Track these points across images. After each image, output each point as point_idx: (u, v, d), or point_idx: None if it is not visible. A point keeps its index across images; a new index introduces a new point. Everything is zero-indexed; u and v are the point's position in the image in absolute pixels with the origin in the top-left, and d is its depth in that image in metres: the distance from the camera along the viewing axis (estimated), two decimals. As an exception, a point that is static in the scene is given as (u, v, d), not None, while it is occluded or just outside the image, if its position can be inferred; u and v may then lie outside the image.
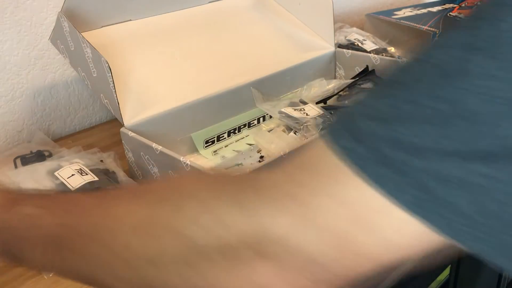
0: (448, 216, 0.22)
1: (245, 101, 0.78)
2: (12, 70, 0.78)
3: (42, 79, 0.82)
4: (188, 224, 0.28)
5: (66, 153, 0.70)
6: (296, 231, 0.25)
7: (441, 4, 1.21)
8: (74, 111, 0.88)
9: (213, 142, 0.74)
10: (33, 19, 0.78)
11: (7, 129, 0.80)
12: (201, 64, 0.78)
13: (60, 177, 0.60)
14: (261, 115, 0.79)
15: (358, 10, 1.28)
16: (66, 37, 0.67)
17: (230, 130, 0.76)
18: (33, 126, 0.83)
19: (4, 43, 0.76)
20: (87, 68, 0.66)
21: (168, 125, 0.69)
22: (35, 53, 0.80)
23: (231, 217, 0.27)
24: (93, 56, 0.64)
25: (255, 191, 0.28)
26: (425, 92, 0.23)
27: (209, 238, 0.28)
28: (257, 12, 0.91)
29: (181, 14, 0.82)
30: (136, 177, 0.67)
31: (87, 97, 0.89)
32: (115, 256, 0.31)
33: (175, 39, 0.79)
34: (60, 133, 0.86)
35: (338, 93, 0.85)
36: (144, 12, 0.78)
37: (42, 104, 0.83)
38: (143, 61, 0.73)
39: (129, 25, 0.77)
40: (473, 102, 0.21)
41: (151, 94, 0.70)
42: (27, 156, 0.70)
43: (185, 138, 0.72)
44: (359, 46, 0.99)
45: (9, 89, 0.79)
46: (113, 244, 0.31)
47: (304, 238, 0.25)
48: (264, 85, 0.80)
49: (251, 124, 0.79)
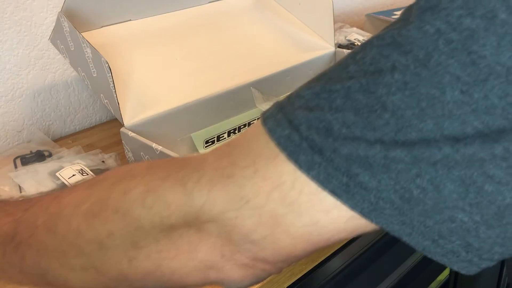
0: (372, 201, 0.24)
1: (245, 101, 0.78)
2: (12, 70, 0.78)
3: (42, 79, 0.82)
4: (134, 206, 0.29)
5: (66, 153, 0.70)
6: (232, 209, 0.27)
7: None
8: (74, 111, 0.88)
9: (213, 142, 0.74)
10: (33, 19, 0.78)
11: (7, 129, 0.80)
12: (201, 64, 0.78)
13: (61, 177, 0.60)
14: (261, 115, 0.79)
15: (358, 10, 1.28)
16: (66, 37, 0.67)
17: (230, 130, 0.76)
18: (33, 126, 0.83)
19: (4, 43, 0.76)
20: (87, 68, 0.66)
21: (168, 125, 0.69)
22: (35, 53, 0.80)
23: (172, 196, 0.29)
24: (93, 56, 0.63)
25: (196, 170, 0.29)
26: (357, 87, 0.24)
27: (153, 218, 0.29)
28: (257, 12, 0.91)
29: (181, 14, 0.82)
30: (136, 177, 0.67)
31: (87, 97, 0.88)
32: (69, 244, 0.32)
33: (175, 39, 0.79)
34: (60, 133, 0.86)
35: (338, 93, 0.85)
36: (144, 12, 0.78)
37: (42, 104, 0.83)
38: (143, 61, 0.73)
39: (129, 25, 0.77)
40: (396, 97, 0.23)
41: (151, 94, 0.70)
42: (27, 156, 0.70)
43: (185, 138, 0.72)
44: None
45: (9, 89, 0.79)
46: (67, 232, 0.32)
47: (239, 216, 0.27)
48: (264, 85, 0.80)
49: (251, 124, 0.79)
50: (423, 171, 0.23)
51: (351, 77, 0.25)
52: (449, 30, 0.22)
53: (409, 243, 0.25)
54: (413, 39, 0.23)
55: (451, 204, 0.23)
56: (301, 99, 0.27)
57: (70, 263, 0.32)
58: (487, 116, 0.21)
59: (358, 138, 0.24)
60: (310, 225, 0.26)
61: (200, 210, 0.28)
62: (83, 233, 0.31)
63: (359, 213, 0.25)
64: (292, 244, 0.27)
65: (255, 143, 0.28)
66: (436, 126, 0.22)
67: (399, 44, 0.24)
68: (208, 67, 0.77)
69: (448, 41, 0.22)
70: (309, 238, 0.27)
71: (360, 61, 0.25)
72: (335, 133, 0.24)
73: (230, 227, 0.28)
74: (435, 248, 0.24)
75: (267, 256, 0.28)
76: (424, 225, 0.24)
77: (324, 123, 0.25)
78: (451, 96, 0.22)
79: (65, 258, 0.32)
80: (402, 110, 0.23)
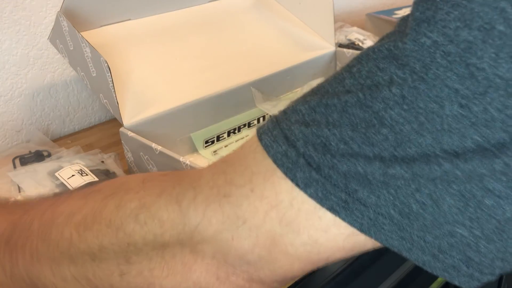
0: (372, 216, 0.24)
1: (245, 101, 0.77)
2: (11, 70, 0.78)
3: (41, 79, 0.82)
4: (127, 221, 0.29)
5: (65, 153, 0.70)
6: (227, 229, 0.27)
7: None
8: (73, 111, 0.87)
9: (213, 142, 0.74)
10: (32, 19, 0.78)
11: (6, 129, 0.80)
12: (200, 63, 0.77)
13: (60, 177, 0.60)
14: (261, 115, 0.79)
15: (359, 10, 1.28)
16: (65, 37, 0.67)
17: (230, 130, 0.76)
18: (32, 126, 0.82)
19: (3, 42, 0.76)
20: (86, 68, 0.66)
21: (168, 125, 0.69)
22: (34, 52, 0.80)
23: (167, 214, 0.28)
24: (92, 55, 0.63)
25: (192, 188, 0.28)
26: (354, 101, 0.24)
27: (146, 235, 0.28)
28: (257, 11, 0.90)
29: (181, 13, 0.82)
30: (135, 178, 0.66)
31: (86, 97, 0.88)
32: (61, 253, 0.31)
33: (175, 39, 0.79)
34: (59, 133, 0.86)
35: (338, 93, 0.84)
36: (143, 11, 0.78)
37: (41, 104, 0.83)
38: (142, 61, 0.73)
39: (128, 24, 0.76)
40: (394, 112, 0.23)
41: (151, 93, 0.70)
42: (26, 156, 0.69)
43: (185, 138, 0.71)
44: (359, 45, 0.98)
45: (8, 88, 0.78)
46: (59, 241, 0.31)
47: (236, 237, 0.26)
48: (264, 85, 0.79)
49: (251, 124, 0.78)
50: (422, 186, 0.23)
51: (347, 91, 0.25)
52: (447, 42, 0.22)
53: (409, 258, 0.24)
54: (410, 52, 0.23)
55: (451, 218, 0.23)
56: (297, 113, 0.26)
57: (62, 273, 0.32)
58: (487, 129, 0.21)
59: (356, 154, 0.24)
60: (309, 244, 0.26)
61: (195, 230, 0.27)
62: (75, 243, 0.31)
63: (358, 229, 0.24)
64: (289, 264, 0.27)
65: (251, 159, 0.27)
66: (435, 140, 0.22)
67: (396, 57, 0.23)
68: (208, 66, 0.77)
69: (446, 54, 0.22)
70: (307, 257, 0.26)
71: (357, 74, 0.25)
72: (333, 149, 0.24)
73: (226, 248, 0.27)
74: (435, 263, 0.24)
75: (264, 276, 0.28)
76: (423, 240, 0.24)
77: (321, 139, 0.25)
78: (450, 110, 0.22)
79: (58, 266, 0.32)
80: (401, 125, 0.23)
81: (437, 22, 0.22)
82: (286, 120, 0.27)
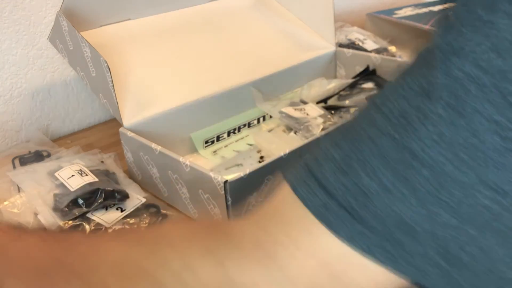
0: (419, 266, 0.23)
1: (245, 101, 0.77)
2: (11, 70, 0.78)
3: (41, 79, 0.82)
4: (159, 268, 0.29)
5: (64, 153, 0.70)
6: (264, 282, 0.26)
7: (442, 3, 1.20)
8: (73, 111, 0.87)
9: (213, 142, 0.74)
10: (31, 19, 0.78)
11: (6, 129, 0.79)
12: (200, 64, 0.77)
13: (60, 177, 0.60)
14: (261, 115, 0.79)
15: (359, 9, 1.28)
16: (65, 37, 0.67)
17: (230, 130, 0.76)
18: (31, 126, 0.82)
19: (2, 42, 0.76)
20: (86, 68, 0.66)
21: (168, 125, 0.69)
22: (33, 52, 0.80)
23: (200, 264, 0.28)
24: (92, 55, 0.63)
25: (226, 239, 0.28)
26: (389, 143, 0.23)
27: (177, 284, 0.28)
28: (257, 11, 0.90)
29: (180, 13, 0.82)
30: (135, 178, 0.66)
31: (86, 96, 0.88)
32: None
33: (175, 39, 0.79)
34: (58, 133, 0.86)
35: (338, 92, 0.84)
36: (143, 11, 0.78)
37: (40, 104, 0.83)
38: (142, 61, 0.73)
39: (128, 24, 0.76)
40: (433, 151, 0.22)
41: (151, 93, 0.70)
42: (25, 156, 0.69)
43: (185, 138, 0.71)
44: (359, 45, 0.98)
45: (8, 88, 0.78)
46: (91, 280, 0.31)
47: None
48: (264, 85, 0.79)
49: (251, 124, 0.78)
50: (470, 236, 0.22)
51: (381, 133, 0.24)
52: (481, 74, 0.21)
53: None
54: (443, 86, 0.22)
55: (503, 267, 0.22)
56: (331, 161, 0.26)
57: None
58: None
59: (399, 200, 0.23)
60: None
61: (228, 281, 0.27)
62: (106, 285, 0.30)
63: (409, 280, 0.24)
64: None
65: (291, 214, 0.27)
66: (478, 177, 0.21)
67: (429, 93, 0.23)
68: (207, 66, 0.77)
69: (481, 85, 0.21)
70: None
71: (389, 115, 0.24)
72: (374, 198, 0.23)
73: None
74: None
75: None
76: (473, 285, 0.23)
77: (361, 188, 0.24)
78: (492, 143, 0.21)
79: None
80: (442, 164, 0.22)
81: (468, 54, 0.22)
82: (319, 167, 0.26)
